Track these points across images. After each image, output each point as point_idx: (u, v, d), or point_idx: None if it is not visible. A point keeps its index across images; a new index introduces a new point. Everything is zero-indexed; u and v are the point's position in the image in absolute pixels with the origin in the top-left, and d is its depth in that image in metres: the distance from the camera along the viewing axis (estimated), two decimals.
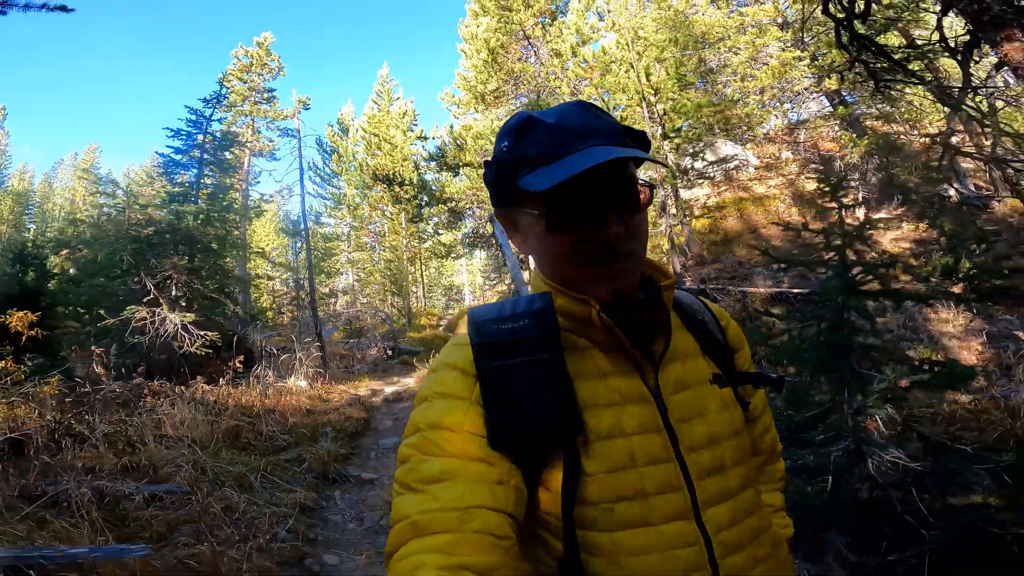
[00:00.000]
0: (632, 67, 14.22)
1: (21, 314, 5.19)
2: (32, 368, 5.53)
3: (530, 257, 0.73)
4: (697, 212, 17.15)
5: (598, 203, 0.68)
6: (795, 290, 9.72)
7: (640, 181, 0.72)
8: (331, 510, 4.76)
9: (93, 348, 6.17)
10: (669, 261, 12.58)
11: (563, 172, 0.64)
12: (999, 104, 4.24)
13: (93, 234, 9.79)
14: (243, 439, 5.97)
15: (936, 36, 2.99)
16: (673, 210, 13.87)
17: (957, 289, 6.26)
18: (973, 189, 12.26)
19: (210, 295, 8.12)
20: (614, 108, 14.80)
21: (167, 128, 8.60)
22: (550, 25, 17.17)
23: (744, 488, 0.75)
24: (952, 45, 2.88)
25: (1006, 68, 2.66)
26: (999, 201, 11.54)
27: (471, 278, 33.58)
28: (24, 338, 5.20)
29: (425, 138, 24.19)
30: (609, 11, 17.57)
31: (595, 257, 0.70)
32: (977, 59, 2.76)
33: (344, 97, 55.04)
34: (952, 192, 12.10)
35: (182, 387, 7.10)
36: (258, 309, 15.22)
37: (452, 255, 26.80)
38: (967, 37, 2.69)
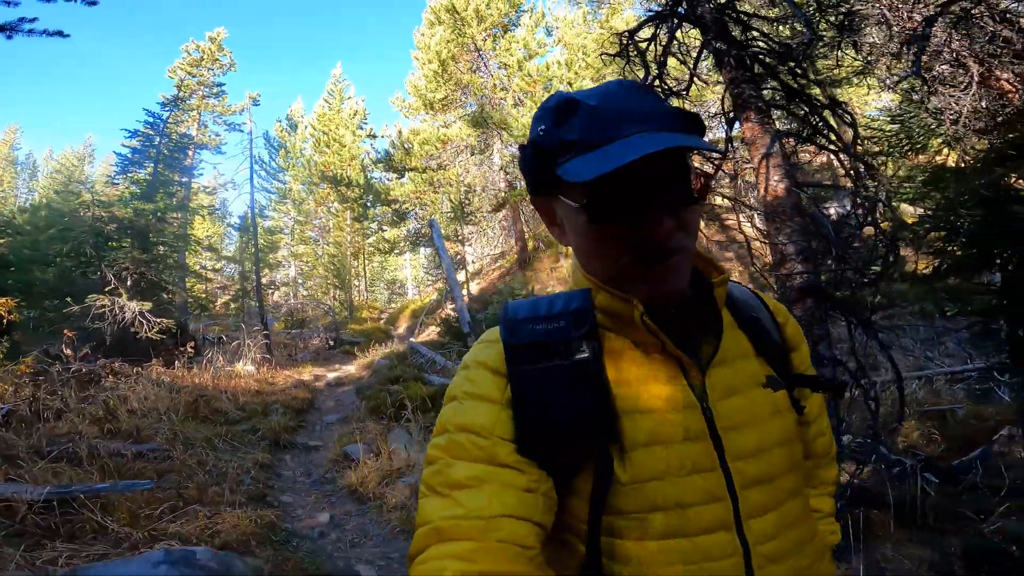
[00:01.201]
0: (571, 86, 15.48)
1: (3, 300, 5.72)
2: (6, 350, 6.08)
3: (570, 250, 0.75)
4: None
5: (647, 194, 0.60)
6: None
7: (696, 170, 0.65)
8: (283, 468, 5.70)
9: (66, 331, 6.73)
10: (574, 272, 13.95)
11: (609, 161, 0.56)
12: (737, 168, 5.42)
13: (28, 220, 10.02)
14: (202, 413, 6.75)
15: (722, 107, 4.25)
16: None
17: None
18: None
19: (165, 285, 8.70)
20: None
21: (125, 129, 9.06)
22: (501, 37, 17.78)
23: (792, 497, 0.69)
24: (727, 118, 4.18)
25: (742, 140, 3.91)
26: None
27: (415, 273, 34.08)
28: (5, 322, 5.75)
29: (374, 136, 24.73)
30: (557, 27, 18.68)
31: (642, 253, 0.62)
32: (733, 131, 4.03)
33: (295, 93, 53.95)
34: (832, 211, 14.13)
35: (139, 368, 7.77)
36: (205, 300, 15.51)
37: (396, 251, 27.47)
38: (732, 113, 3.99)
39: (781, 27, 5.51)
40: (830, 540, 0.84)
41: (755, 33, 4.49)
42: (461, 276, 16.13)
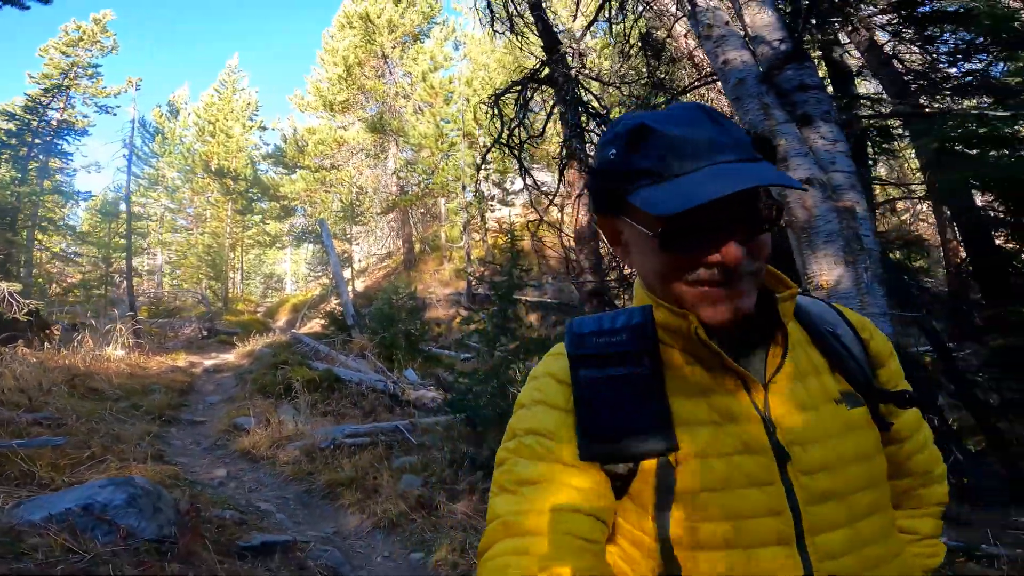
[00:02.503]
0: (468, 101, 16.21)
1: None
2: None
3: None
4: (496, 231, 20.13)
5: (720, 224, 0.60)
6: (550, 300, 12.97)
7: (768, 200, 0.64)
8: (172, 439, 6.03)
9: None
10: (465, 272, 15.15)
11: (689, 197, 0.56)
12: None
13: None
14: (79, 391, 6.76)
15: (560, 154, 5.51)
16: (475, 234, 16.63)
17: None
18: None
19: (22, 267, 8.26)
20: (447, 133, 16.72)
21: (3, 114, 8.34)
22: (410, 47, 17.97)
23: (870, 515, 0.66)
24: (560, 164, 5.45)
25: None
26: None
27: (295, 268, 32.90)
28: None
29: (264, 128, 23.83)
30: (465, 43, 19.33)
31: (713, 280, 0.61)
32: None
33: (184, 80, 49.00)
34: None
35: (3, 348, 7.44)
36: (64, 284, 14.23)
37: (277, 245, 26.59)
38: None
39: (618, 91, 6.98)
40: (927, 563, 0.78)
41: (591, 96, 5.91)
42: (347, 273, 16.44)
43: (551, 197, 4.66)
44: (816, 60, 6.69)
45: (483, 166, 16.33)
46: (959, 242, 6.05)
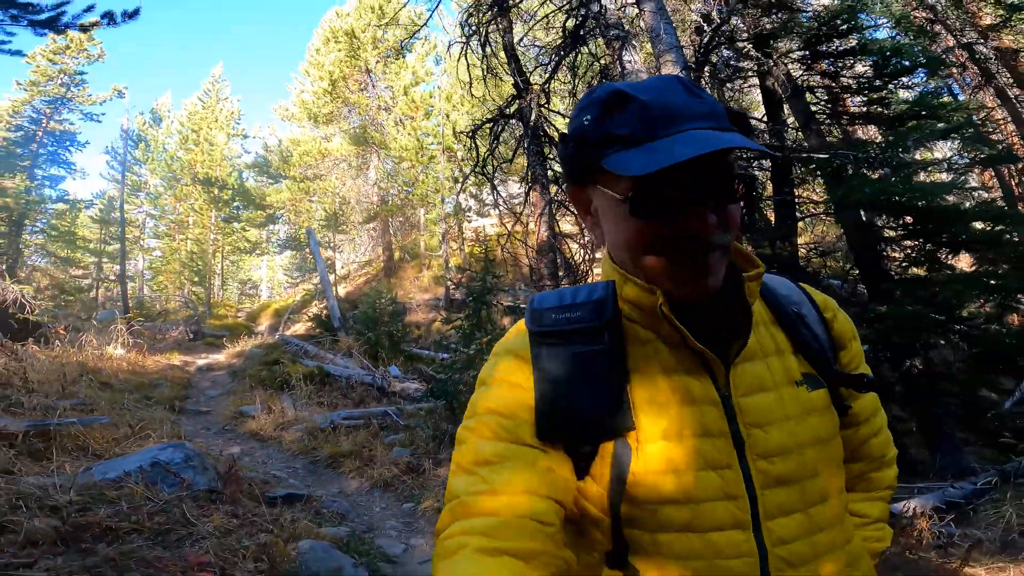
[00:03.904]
0: (448, 117, 16.62)
1: None
2: None
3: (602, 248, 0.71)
4: (474, 240, 20.96)
5: (692, 190, 0.58)
6: (524, 305, 13.89)
7: (739, 173, 0.62)
8: (184, 424, 6.67)
9: None
10: (444, 279, 15.93)
11: (659, 158, 0.54)
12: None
13: None
14: (93, 385, 7.35)
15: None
16: (452, 242, 17.40)
17: None
18: None
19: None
20: (427, 147, 17.23)
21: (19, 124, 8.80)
22: (393, 61, 18.24)
23: (824, 500, 0.65)
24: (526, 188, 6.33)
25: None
26: None
27: (271, 275, 33.03)
28: None
29: (246, 136, 24.23)
30: (445, 59, 19.78)
31: (682, 249, 0.60)
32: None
33: (166, 87, 48.78)
34: None
35: (18, 345, 7.95)
36: (61, 288, 14.51)
37: (257, 252, 26.88)
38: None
39: None
40: (875, 547, 0.77)
41: (555, 128, 6.82)
42: (331, 279, 17.04)
43: (517, 215, 5.54)
44: (755, 87, 7.71)
45: (460, 180, 17.16)
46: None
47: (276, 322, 18.36)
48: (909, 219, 5.19)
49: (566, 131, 0.68)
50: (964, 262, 7.58)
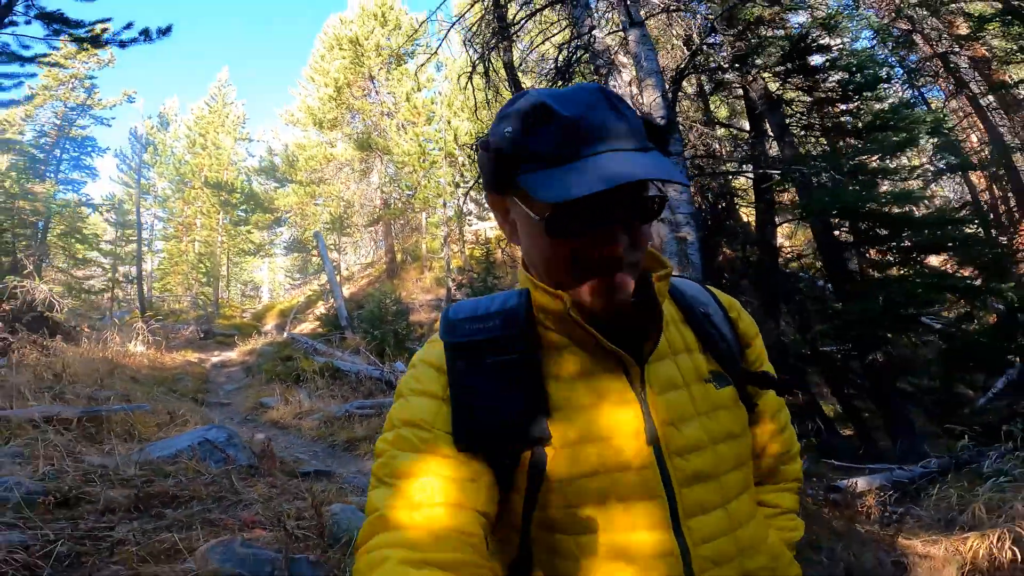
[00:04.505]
0: (449, 124, 17.02)
1: None
2: None
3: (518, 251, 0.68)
4: (474, 242, 21.45)
5: (606, 213, 0.59)
6: None
7: (652, 194, 0.62)
8: (209, 414, 7.22)
9: (3, 305, 7.33)
10: (446, 280, 16.44)
11: (578, 184, 0.54)
12: None
13: None
14: (125, 378, 7.87)
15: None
16: (453, 245, 17.91)
17: None
18: None
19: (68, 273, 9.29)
20: (429, 152, 17.50)
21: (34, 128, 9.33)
22: (395, 68, 18.67)
23: (739, 495, 0.67)
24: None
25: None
26: None
27: (271, 275, 33.49)
28: None
29: (250, 140, 24.73)
30: (447, 65, 19.89)
31: (595, 268, 0.61)
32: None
33: (172, 91, 49.28)
34: None
35: (48, 342, 8.47)
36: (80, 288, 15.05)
37: (260, 253, 27.36)
38: None
39: None
40: (789, 536, 0.79)
41: None
42: (337, 277, 17.52)
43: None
44: (740, 96, 8.18)
45: (462, 184, 17.65)
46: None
47: (282, 322, 18.87)
48: (863, 225, 5.69)
49: (488, 137, 0.67)
50: (937, 262, 8.14)
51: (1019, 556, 2.62)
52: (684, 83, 8.03)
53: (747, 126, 8.08)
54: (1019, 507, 2.98)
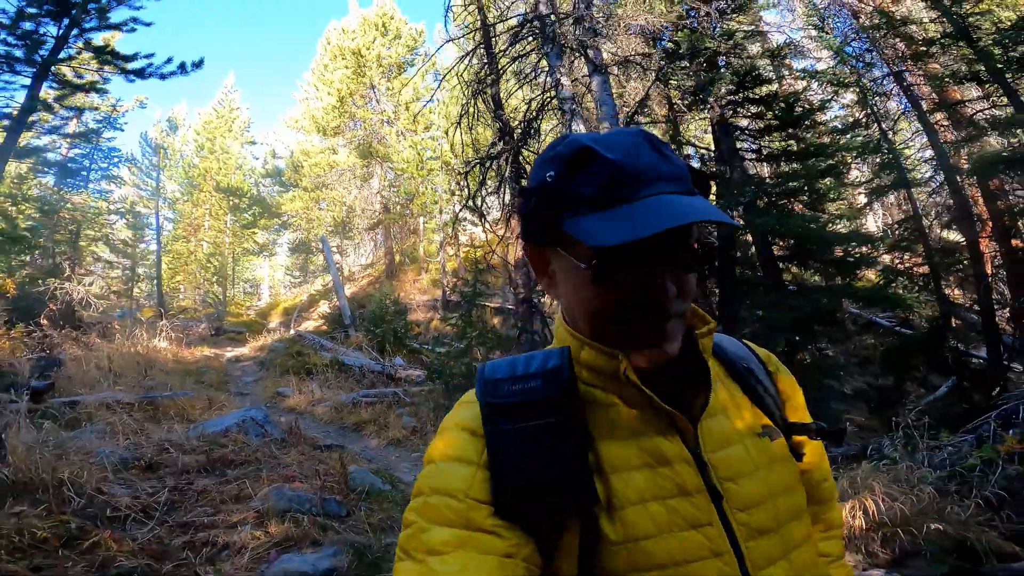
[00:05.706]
0: (447, 134, 18.12)
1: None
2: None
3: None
4: (469, 245, 22.42)
5: (655, 259, 0.57)
6: (510, 306, 15.56)
7: (700, 240, 0.67)
8: (234, 402, 8.29)
9: (50, 305, 8.35)
10: (441, 283, 17.47)
11: (629, 228, 0.53)
12: None
13: None
14: (160, 370, 8.93)
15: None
16: (449, 248, 18.97)
17: None
18: None
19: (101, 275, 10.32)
20: (425, 160, 18.21)
21: (68, 136, 10.30)
22: (395, 77, 19.46)
23: (801, 545, 0.66)
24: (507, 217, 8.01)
25: None
26: None
27: (271, 273, 34.39)
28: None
29: (254, 143, 25.73)
30: (445, 74, 20.77)
31: (642, 317, 0.59)
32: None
33: (180, 96, 50.22)
34: None
35: (85, 338, 9.52)
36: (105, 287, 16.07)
37: (264, 253, 28.36)
38: None
39: None
40: None
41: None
42: (346, 288, 18.54)
43: (500, 238, 7.15)
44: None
45: (457, 192, 18.58)
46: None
47: (286, 319, 19.87)
48: (783, 243, 6.80)
49: (528, 185, 0.64)
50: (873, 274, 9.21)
51: (863, 524, 3.15)
52: (655, 107, 9.08)
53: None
54: (874, 484, 3.37)
